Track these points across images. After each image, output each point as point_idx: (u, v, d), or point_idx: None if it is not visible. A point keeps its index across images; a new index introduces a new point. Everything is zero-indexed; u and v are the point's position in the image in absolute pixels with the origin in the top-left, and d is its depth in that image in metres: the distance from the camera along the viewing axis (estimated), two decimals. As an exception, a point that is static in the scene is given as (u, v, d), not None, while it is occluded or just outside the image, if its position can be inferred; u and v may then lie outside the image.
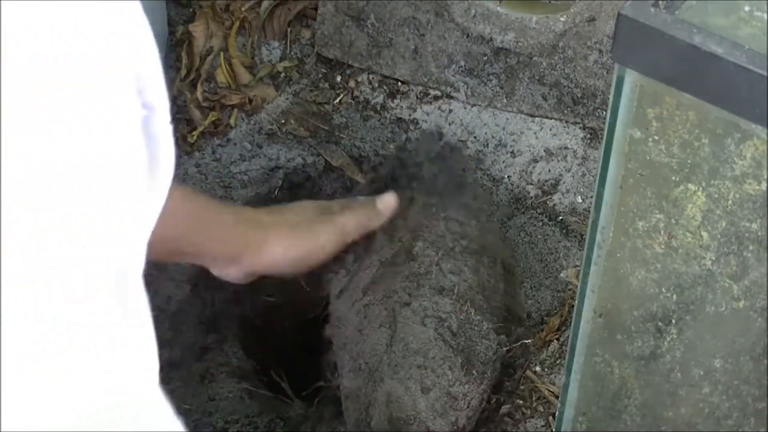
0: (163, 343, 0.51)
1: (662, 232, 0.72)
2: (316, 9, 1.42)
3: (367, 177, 1.28)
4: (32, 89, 0.40)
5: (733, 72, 0.61)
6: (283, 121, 1.37)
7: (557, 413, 0.91)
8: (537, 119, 1.32)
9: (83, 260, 0.43)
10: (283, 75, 1.42)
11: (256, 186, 1.31)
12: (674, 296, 0.75)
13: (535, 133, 1.32)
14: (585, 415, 0.88)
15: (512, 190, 1.28)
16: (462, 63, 1.33)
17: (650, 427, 0.85)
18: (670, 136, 0.67)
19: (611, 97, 0.68)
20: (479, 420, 1.10)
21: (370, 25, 1.36)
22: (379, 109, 1.38)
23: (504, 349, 1.07)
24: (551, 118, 1.32)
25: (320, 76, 1.42)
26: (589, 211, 1.14)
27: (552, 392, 1.11)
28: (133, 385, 0.49)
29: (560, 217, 1.25)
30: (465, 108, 1.35)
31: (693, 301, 0.74)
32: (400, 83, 1.38)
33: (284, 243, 1.08)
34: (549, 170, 1.29)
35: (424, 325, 1.03)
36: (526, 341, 1.10)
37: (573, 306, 1.00)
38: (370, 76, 1.40)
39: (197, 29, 1.43)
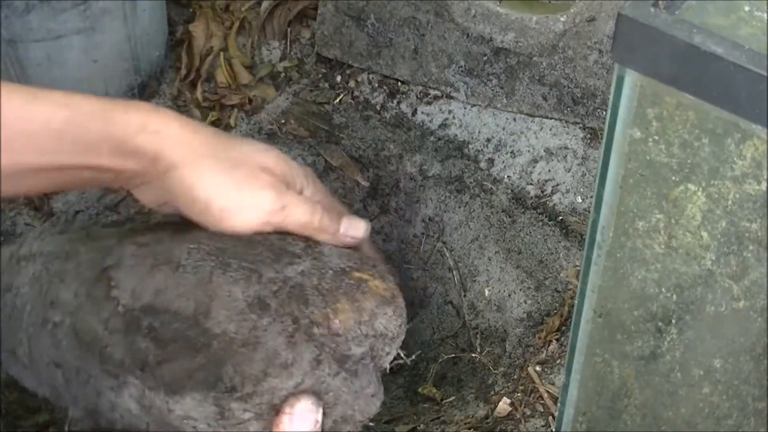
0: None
1: (662, 232, 0.72)
2: (316, 9, 1.42)
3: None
4: None
5: (733, 72, 0.61)
6: (283, 121, 1.37)
7: (557, 413, 0.91)
8: (537, 119, 1.32)
9: None
10: (283, 75, 1.42)
11: (256, 186, 1.31)
12: (674, 296, 0.75)
13: (535, 133, 1.32)
14: (585, 415, 0.88)
15: (512, 190, 1.28)
16: (462, 63, 1.33)
17: (650, 427, 0.85)
18: (670, 136, 0.67)
19: (611, 97, 0.68)
20: (479, 420, 1.11)
21: (370, 25, 1.36)
22: (379, 109, 1.38)
23: None
24: (551, 118, 1.32)
25: (320, 76, 1.42)
26: (589, 211, 1.14)
27: (552, 392, 1.11)
28: None
29: (560, 217, 1.25)
30: (465, 108, 1.35)
31: (693, 301, 0.74)
32: (400, 83, 1.38)
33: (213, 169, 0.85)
34: (549, 170, 1.29)
35: None
36: None
37: (573, 306, 1.00)
38: (370, 76, 1.40)
39: (197, 29, 1.43)
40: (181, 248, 0.82)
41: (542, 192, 1.28)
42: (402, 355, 0.83)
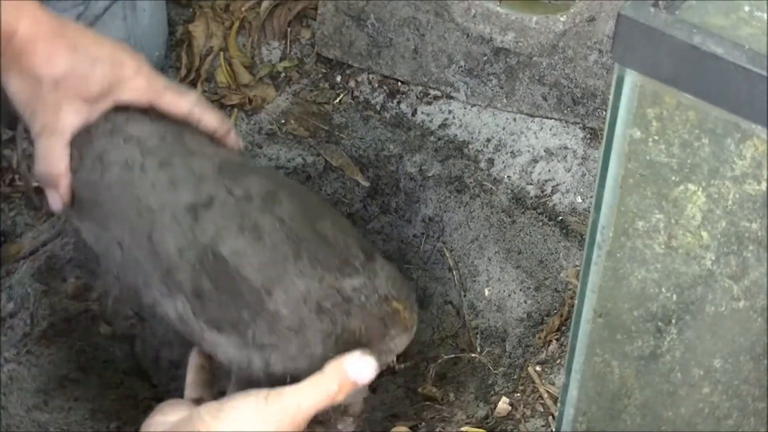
0: (163, 343, 0.52)
1: (662, 232, 0.72)
2: (316, 9, 1.42)
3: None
4: None
5: (733, 72, 0.61)
6: (283, 121, 1.37)
7: (557, 413, 0.91)
8: (537, 119, 1.32)
9: None
10: (283, 75, 1.42)
11: (256, 186, 1.31)
12: (674, 296, 0.75)
13: (535, 133, 1.32)
14: (585, 415, 0.88)
15: (512, 190, 1.28)
16: (462, 63, 1.33)
17: (650, 427, 0.85)
18: (670, 136, 0.67)
19: (611, 97, 0.68)
20: (479, 420, 1.11)
21: (370, 25, 1.36)
22: (379, 109, 1.38)
23: None
24: (551, 118, 1.32)
25: (320, 76, 1.42)
26: (589, 211, 1.14)
27: (552, 392, 1.11)
28: None
29: (560, 217, 1.25)
30: (465, 108, 1.35)
31: (693, 301, 0.74)
32: (400, 83, 1.38)
33: None
34: (549, 170, 1.29)
35: None
36: None
37: (573, 306, 1.00)
38: (370, 76, 1.40)
39: (197, 29, 1.43)
40: (267, 218, 0.91)
41: (542, 192, 1.28)
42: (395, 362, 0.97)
